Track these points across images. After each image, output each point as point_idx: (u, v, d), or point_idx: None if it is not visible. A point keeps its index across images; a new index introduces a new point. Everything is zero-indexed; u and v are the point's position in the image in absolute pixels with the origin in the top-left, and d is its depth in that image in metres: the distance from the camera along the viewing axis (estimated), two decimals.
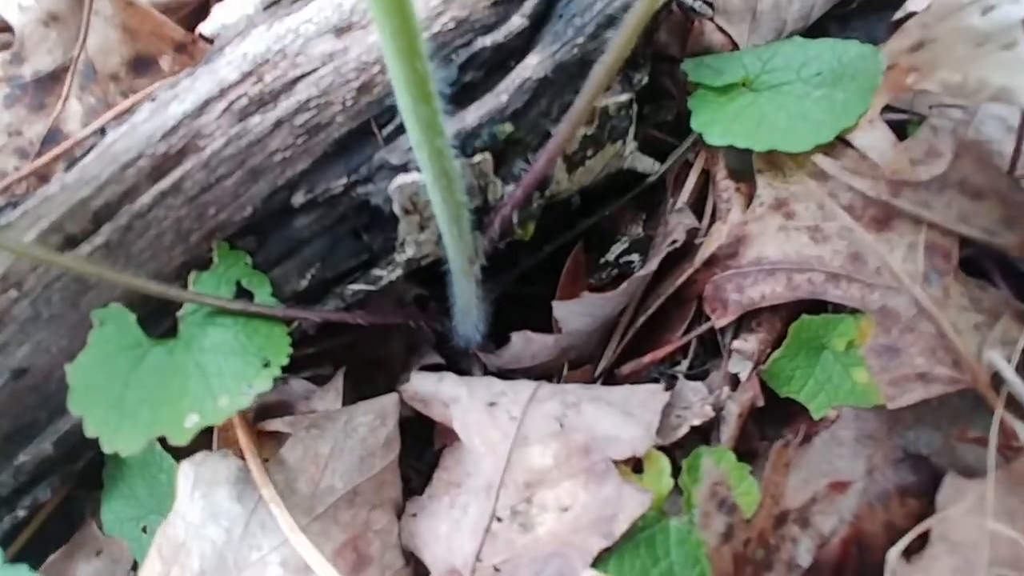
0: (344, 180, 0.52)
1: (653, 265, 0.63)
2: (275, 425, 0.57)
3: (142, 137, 0.48)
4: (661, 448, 0.55)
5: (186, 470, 0.51)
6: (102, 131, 0.55)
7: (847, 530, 0.51)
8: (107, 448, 0.43)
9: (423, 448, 0.68)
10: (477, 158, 0.51)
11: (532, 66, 0.53)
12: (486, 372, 0.68)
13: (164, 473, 0.61)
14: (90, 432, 0.44)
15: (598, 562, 0.49)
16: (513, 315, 0.71)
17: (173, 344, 0.48)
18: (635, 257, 0.76)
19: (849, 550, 0.51)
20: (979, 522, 0.45)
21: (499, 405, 0.57)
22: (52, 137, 0.60)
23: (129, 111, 0.56)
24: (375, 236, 0.56)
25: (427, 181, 0.45)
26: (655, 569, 0.50)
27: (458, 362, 0.71)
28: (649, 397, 0.60)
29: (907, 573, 0.46)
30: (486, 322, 0.62)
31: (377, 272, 0.56)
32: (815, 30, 0.82)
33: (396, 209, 0.50)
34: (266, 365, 0.46)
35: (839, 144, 0.63)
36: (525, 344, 0.64)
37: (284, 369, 0.47)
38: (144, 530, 0.65)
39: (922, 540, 0.49)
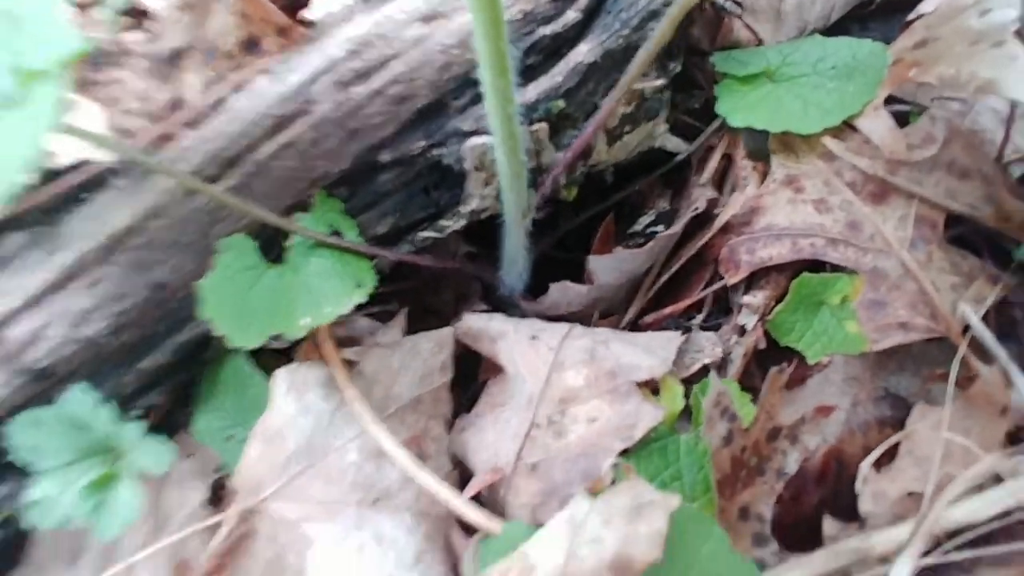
0: (423, 143, 0.63)
1: (678, 228, 0.73)
2: (347, 354, 0.68)
3: (265, 101, 0.60)
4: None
5: (281, 376, 0.63)
6: (219, 101, 0.67)
7: (829, 447, 0.60)
8: (233, 343, 0.55)
9: (470, 385, 0.79)
10: (535, 127, 0.62)
11: (583, 52, 0.64)
12: (526, 317, 0.79)
13: (253, 388, 0.73)
14: (218, 330, 0.56)
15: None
16: (550, 274, 0.82)
17: (283, 268, 0.59)
18: (661, 228, 0.85)
19: (830, 463, 0.60)
20: (940, 437, 0.54)
21: (540, 339, 0.67)
22: (175, 105, 0.72)
23: (241, 83, 0.68)
24: (442, 193, 0.67)
25: (496, 143, 0.56)
26: (666, 472, 0.59)
27: (502, 310, 0.82)
28: (667, 339, 0.70)
29: (877, 480, 0.55)
30: (529, 272, 0.73)
31: (443, 222, 0.67)
32: (836, 29, 0.91)
33: (467, 166, 0.61)
34: (359, 285, 0.57)
35: (846, 129, 0.72)
36: (562, 293, 0.74)
37: (370, 294, 0.58)
38: (229, 439, 0.77)
39: (891, 455, 0.58)
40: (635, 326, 0.79)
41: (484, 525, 0.55)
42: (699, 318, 0.77)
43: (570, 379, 0.64)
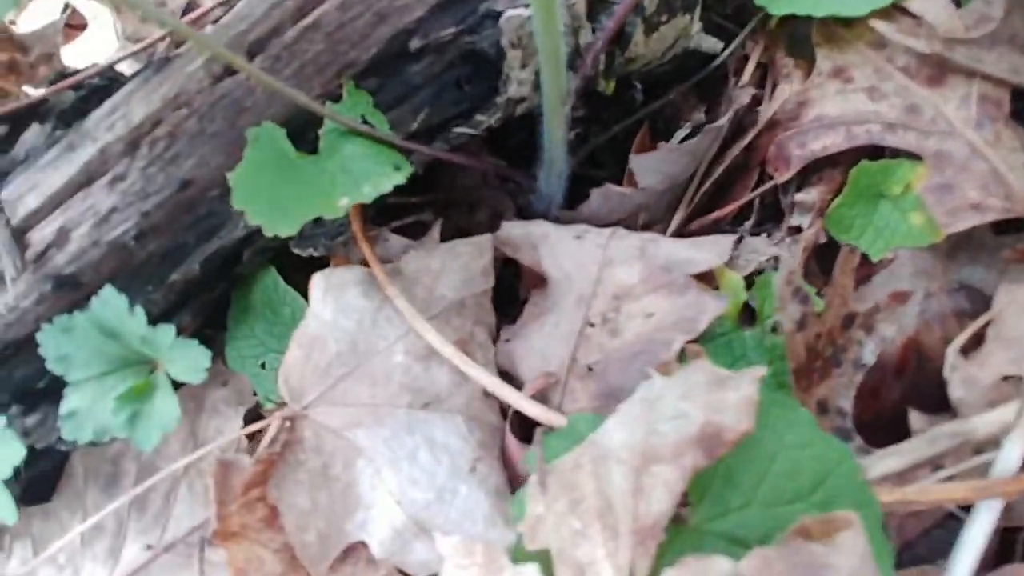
0: (453, 28, 0.59)
1: (723, 121, 0.69)
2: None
3: None
4: None
5: (318, 280, 0.59)
6: None
7: (907, 337, 0.56)
8: (270, 230, 0.51)
9: (511, 305, 0.76)
10: (572, 1, 0.58)
11: None
12: None
13: (286, 308, 0.70)
14: (254, 220, 0.52)
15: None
16: (584, 194, 0.78)
17: (316, 156, 0.55)
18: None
19: (909, 354, 0.56)
20: None
21: (585, 238, 0.64)
22: (190, 7, 0.68)
23: None
24: (476, 86, 0.63)
25: (534, 15, 0.52)
26: (733, 367, 0.56)
27: None
28: (717, 239, 0.66)
29: (965, 366, 0.52)
30: (568, 176, 0.69)
31: (479, 117, 0.63)
32: None
33: (504, 42, 0.57)
34: (397, 168, 0.54)
35: (895, 11, 0.68)
36: (604, 198, 0.70)
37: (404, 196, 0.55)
38: (263, 366, 0.73)
39: (977, 343, 0.55)
40: (679, 235, 0.75)
41: (547, 420, 0.52)
42: (748, 224, 0.73)
43: (622, 275, 0.60)
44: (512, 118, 0.65)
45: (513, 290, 0.74)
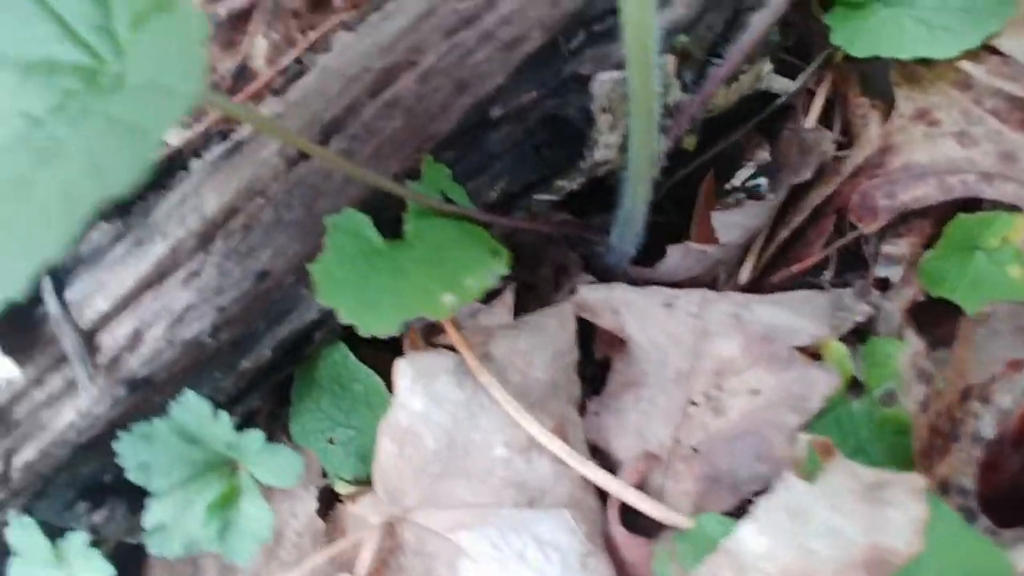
0: (534, 93, 0.56)
1: (807, 174, 0.66)
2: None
3: (362, 54, 0.52)
4: None
5: (404, 368, 0.56)
6: (298, 61, 0.59)
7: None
8: (366, 331, 0.48)
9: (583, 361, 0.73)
10: (663, 59, 0.55)
11: None
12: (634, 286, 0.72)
13: (359, 383, 0.67)
14: (346, 318, 0.49)
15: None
16: (648, 243, 0.75)
17: (402, 242, 0.52)
18: (762, 181, 0.79)
19: None
20: None
21: (676, 306, 0.61)
22: (241, 73, 0.64)
23: (318, 42, 0.61)
24: (555, 151, 0.60)
25: (630, 75, 0.49)
26: (844, 447, 0.53)
27: (607, 281, 0.76)
28: (809, 298, 0.64)
29: None
30: (646, 240, 0.66)
31: (560, 182, 0.60)
32: None
33: (594, 107, 0.54)
34: (495, 253, 0.50)
35: (982, 51, 0.66)
36: (682, 256, 0.67)
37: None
38: (331, 441, 0.70)
39: None
40: (754, 287, 0.73)
41: (664, 518, 0.49)
42: (827, 274, 0.71)
43: (721, 348, 0.57)
44: (594, 181, 0.62)
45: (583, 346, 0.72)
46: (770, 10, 0.50)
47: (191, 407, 0.51)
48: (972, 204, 0.64)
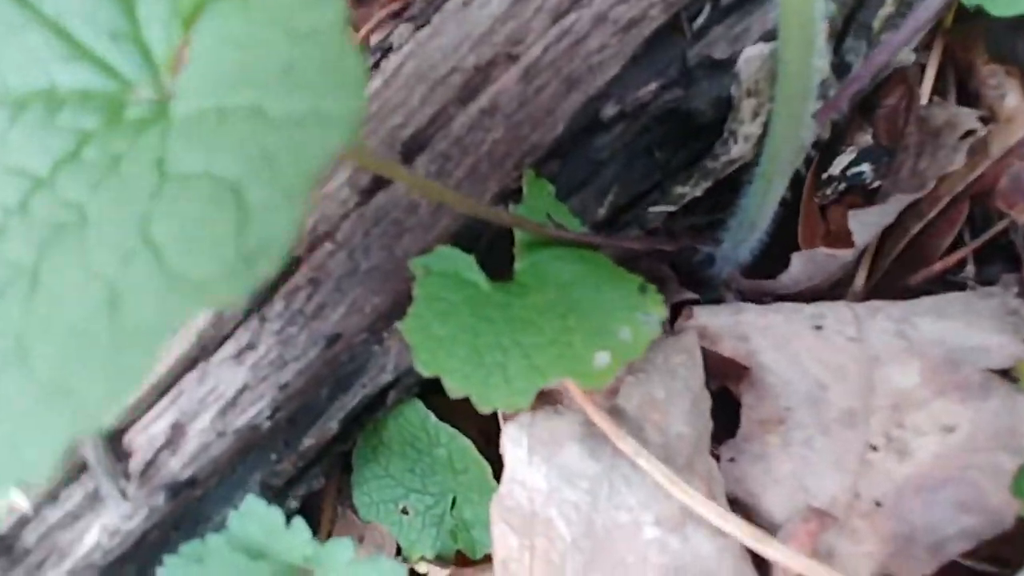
0: (654, 84, 0.45)
1: (959, 158, 0.56)
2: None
3: (446, 50, 0.41)
4: None
5: (513, 434, 0.45)
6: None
7: None
8: (486, 407, 0.37)
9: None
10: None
11: None
12: (744, 299, 0.62)
13: (442, 447, 0.56)
14: (455, 392, 0.37)
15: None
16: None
17: (514, 285, 0.41)
18: (865, 168, 0.69)
19: None
20: None
21: (826, 328, 0.51)
22: None
23: (393, 33, 0.48)
24: (669, 151, 0.49)
25: (783, 46, 0.38)
26: None
27: (709, 295, 0.65)
28: (972, 303, 0.53)
29: None
30: (770, 236, 0.56)
31: (679, 189, 0.49)
32: None
33: (738, 92, 0.43)
34: (643, 290, 0.40)
35: None
36: (809, 263, 0.57)
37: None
38: (405, 511, 0.59)
39: None
40: (880, 291, 0.63)
41: None
42: (969, 271, 0.61)
43: (895, 377, 0.47)
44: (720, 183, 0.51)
45: None
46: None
47: (255, 515, 0.40)
48: None
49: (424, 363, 0.38)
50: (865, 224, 0.56)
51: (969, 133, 0.57)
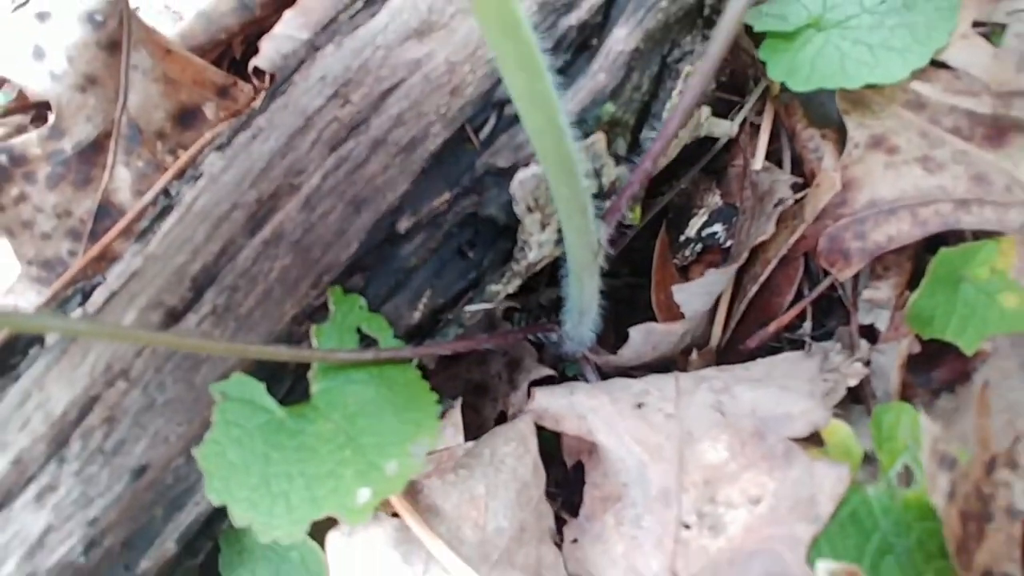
0: (447, 195, 0.48)
1: (770, 227, 0.59)
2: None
3: (228, 187, 0.43)
4: None
5: (337, 544, 0.46)
6: (166, 193, 0.50)
7: None
8: (263, 538, 0.38)
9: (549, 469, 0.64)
10: (591, 140, 0.47)
11: (622, 39, 0.50)
12: (601, 375, 0.64)
13: (295, 550, 0.56)
14: (239, 521, 0.39)
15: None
16: (609, 315, 0.67)
17: (309, 410, 0.42)
18: (718, 228, 0.72)
19: None
20: None
21: (648, 405, 0.53)
22: (104, 212, 0.55)
23: (187, 167, 0.52)
24: (481, 251, 0.51)
25: (548, 170, 0.41)
26: (868, 546, 0.45)
27: (564, 371, 0.67)
28: (794, 365, 0.56)
29: None
30: (602, 319, 0.58)
31: (493, 287, 0.52)
32: None
33: (519, 209, 0.46)
34: (418, 422, 0.41)
35: (930, 68, 0.60)
36: (646, 337, 0.59)
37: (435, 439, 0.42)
38: None
39: None
40: (728, 352, 0.65)
41: None
42: (806, 326, 0.63)
43: (707, 453, 0.49)
44: (532, 278, 0.53)
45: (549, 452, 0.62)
46: (708, 61, 0.43)
47: None
48: (952, 233, 0.57)
49: (216, 491, 0.40)
50: (691, 296, 0.58)
51: (781, 201, 0.60)
